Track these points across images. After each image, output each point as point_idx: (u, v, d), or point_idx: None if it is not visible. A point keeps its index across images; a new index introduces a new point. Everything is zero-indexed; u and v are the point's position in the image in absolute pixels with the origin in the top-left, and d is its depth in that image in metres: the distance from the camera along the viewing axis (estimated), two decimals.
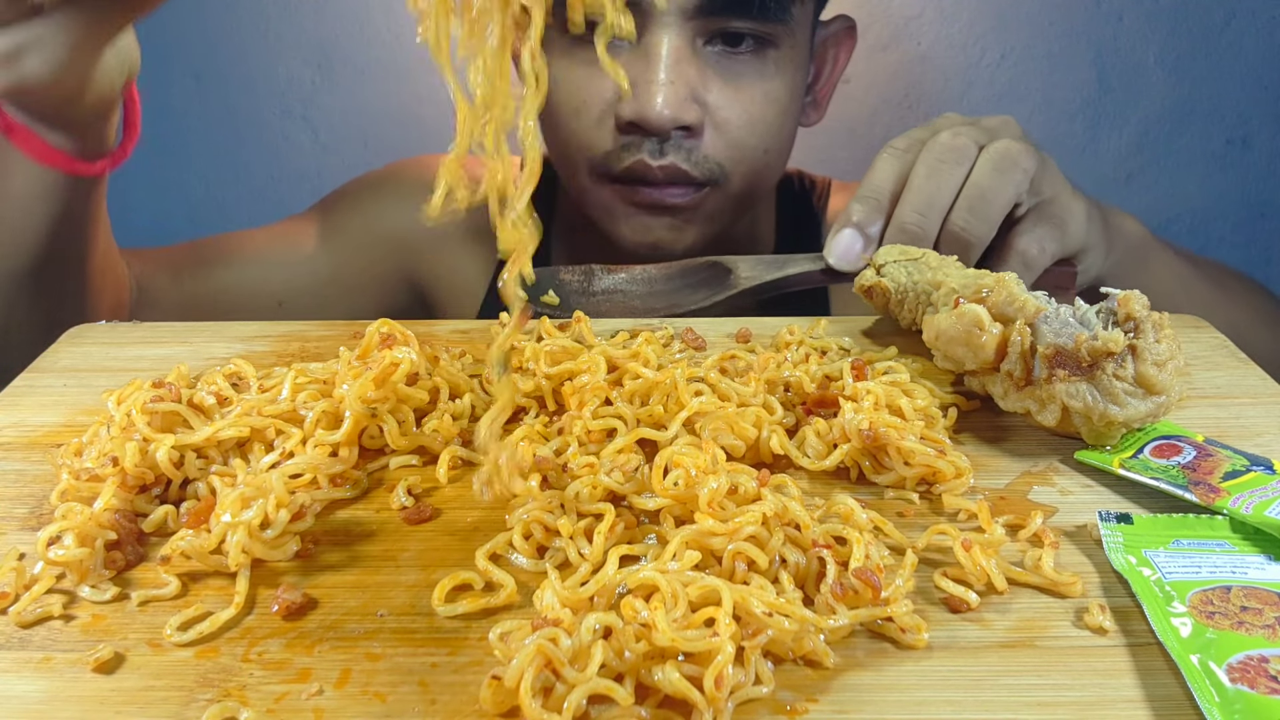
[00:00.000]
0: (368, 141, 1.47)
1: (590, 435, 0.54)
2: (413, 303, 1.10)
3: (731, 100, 0.87)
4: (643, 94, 0.84)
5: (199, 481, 0.52)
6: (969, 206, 0.65)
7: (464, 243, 1.07)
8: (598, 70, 0.87)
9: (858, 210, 0.68)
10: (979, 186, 0.64)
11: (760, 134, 0.90)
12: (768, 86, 0.89)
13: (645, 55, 0.85)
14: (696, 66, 0.86)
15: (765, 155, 0.92)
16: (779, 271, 0.71)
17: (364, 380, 0.54)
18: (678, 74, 0.84)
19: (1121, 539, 0.47)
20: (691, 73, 0.85)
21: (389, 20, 1.41)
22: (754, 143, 0.90)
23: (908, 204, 0.66)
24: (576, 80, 0.89)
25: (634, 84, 0.85)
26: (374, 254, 1.08)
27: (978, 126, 0.70)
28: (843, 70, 1.03)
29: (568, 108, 0.90)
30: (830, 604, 0.42)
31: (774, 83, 0.89)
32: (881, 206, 0.68)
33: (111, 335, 0.70)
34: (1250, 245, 1.50)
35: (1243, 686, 0.38)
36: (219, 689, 0.40)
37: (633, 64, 0.86)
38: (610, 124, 0.88)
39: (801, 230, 1.07)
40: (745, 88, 0.88)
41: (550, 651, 0.38)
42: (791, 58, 0.90)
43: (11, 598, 0.45)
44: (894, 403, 0.55)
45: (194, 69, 1.43)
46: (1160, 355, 0.52)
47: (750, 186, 0.93)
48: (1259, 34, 1.37)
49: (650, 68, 0.84)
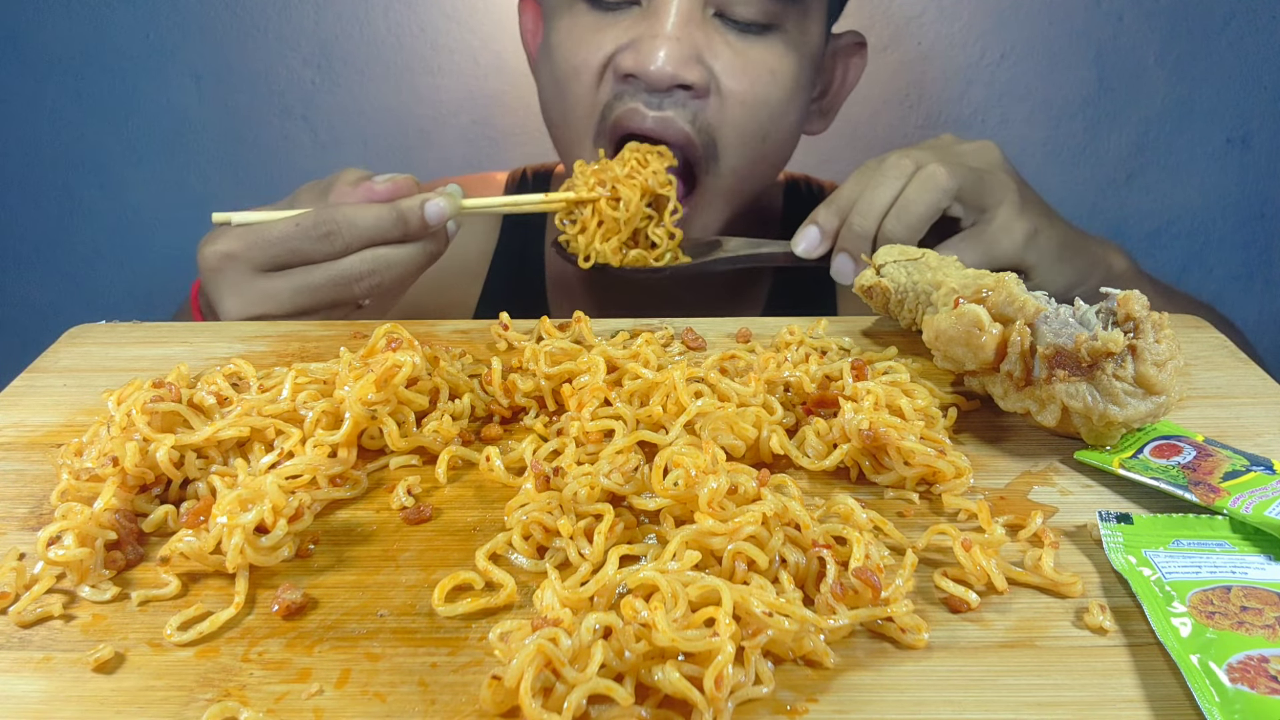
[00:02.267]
0: (367, 141, 1.47)
1: (589, 436, 0.54)
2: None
3: (739, 71, 0.87)
4: (645, 47, 0.84)
5: (199, 481, 0.52)
6: (895, 214, 0.77)
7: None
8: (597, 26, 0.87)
9: (823, 213, 0.81)
10: (904, 198, 0.77)
11: (763, 116, 0.90)
12: (775, 65, 0.89)
13: (654, 13, 0.85)
14: (705, 31, 0.86)
15: (763, 144, 0.92)
16: (754, 249, 0.88)
17: (365, 382, 0.54)
18: (684, 33, 0.84)
19: (1121, 539, 0.47)
20: (699, 36, 0.86)
21: (389, 20, 1.41)
22: (754, 125, 0.90)
23: (855, 209, 0.79)
24: (576, 37, 0.88)
25: (639, 39, 0.85)
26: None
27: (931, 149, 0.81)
28: (853, 86, 1.03)
29: (567, 67, 0.89)
30: (830, 604, 0.42)
31: (783, 62, 0.89)
32: (842, 211, 0.80)
33: (111, 335, 0.70)
34: (1250, 245, 1.50)
35: (1243, 686, 0.38)
36: (219, 689, 0.40)
37: (640, 22, 0.86)
38: (610, 81, 0.88)
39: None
40: (754, 62, 0.88)
41: (550, 651, 0.38)
42: (801, 43, 0.90)
43: (12, 598, 0.45)
44: (894, 403, 0.55)
45: (194, 69, 1.43)
46: (1160, 355, 0.52)
47: (742, 180, 0.93)
48: (1259, 34, 1.36)
49: (657, 23, 0.85)
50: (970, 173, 0.78)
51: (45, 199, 1.53)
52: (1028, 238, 0.78)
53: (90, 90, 1.44)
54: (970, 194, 0.78)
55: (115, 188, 1.50)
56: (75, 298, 1.58)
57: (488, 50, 1.41)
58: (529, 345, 0.62)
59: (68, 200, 1.52)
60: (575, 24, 0.89)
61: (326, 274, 0.73)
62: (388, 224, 0.73)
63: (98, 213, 1.52)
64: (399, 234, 0.74)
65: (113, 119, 1.46)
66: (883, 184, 0.78)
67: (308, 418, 0.54)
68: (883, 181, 0.78)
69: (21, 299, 1.59)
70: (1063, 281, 0.82)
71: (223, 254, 0.73)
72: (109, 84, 1.44)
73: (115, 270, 1.56)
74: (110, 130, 1.46)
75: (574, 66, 0.89)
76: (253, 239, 0.72)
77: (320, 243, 0.72)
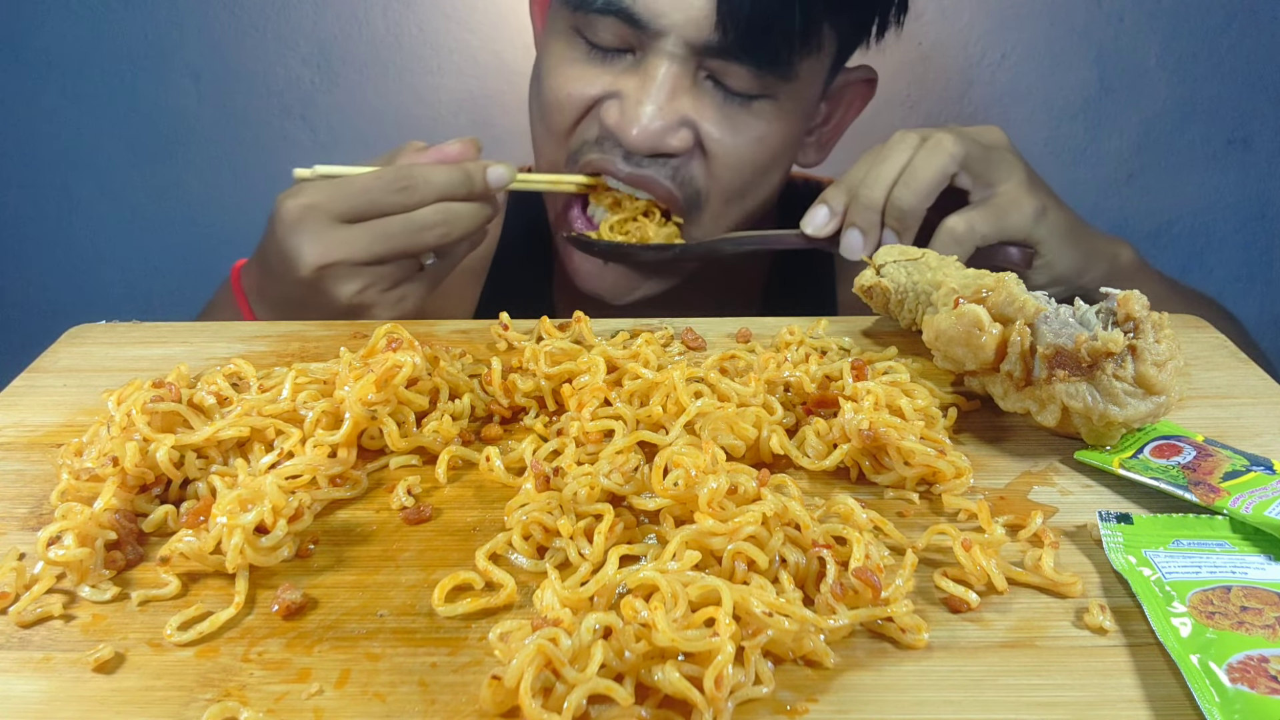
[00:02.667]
0: (367, 141, 1.47)
1: (589, 436, 0.54)
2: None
3: (727, 135, 0.87)
4: (630, 109, 0.84)
5: (199, 481, 0.52)
6: (904, 181, 0.79)
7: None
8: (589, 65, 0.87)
9: (831, 193, 0.83)
10: (912, 165, 0.78)
11: (748, 175, 0.90)
12: (765, 131, 0.88)
13: (643, 74, 0.84)
14: (694, 95, 0.85)
15: (746, 199, 0.92)
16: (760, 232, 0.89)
17: (365, 382, 0.54)
18: (670, 101, 0.84)
19: (1121, 539, 0.47)
20: (686, 102, 0.85)
21: (389, 20, 1.41)
22: (740, 183, 0.90)
23: (863, 182, 0.80)
24: (566, 72, 0.88)
25: (625, 96, 0.85)
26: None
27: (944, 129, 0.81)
28: (854, 118, 1.02)
29: (553, 97, 0.89)
30: (830, 604, 0.42)
31: (772, 127, 0.88)
32: (851, 190, 0.81)
33: (111, 335, 0.70)
34: (1250, 245, 1.50)
35: (1243, 686, 0.38)
36: (219, 689, 0.40)
37: (629, 76, 0.85)
38: (594, 123, 0.88)
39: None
40: (743, 126, 0.87)
41: (550, 651, 0.38)
42: (794, 108, 0.89)
43: (12, 598, 0.45)
44: (894, 403, 0.55)
45: (194, 69, 1.43)
46: (1160, 355, 0.52)
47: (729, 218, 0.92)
48: (1259, 34, 1.36)
49: (643, 88, 0.84)
50: (976, 144, 0.79)
51: (45, 199, 1.53)
52: (1037, 213, 0.79)
53: (90, 90, 1.44)
54: (978, 165, 0.79)
55: (115, 188, 1.50)
56: (75, 298, 1.58)
57: (487, 50, 1.41)
58: (529, 345, 0.62)
59: (68, 200, 1.52)
60: (569, 57, 0.88)
61: (402, 223, 0.77)
62: (457, 181, 0.78)
63: (98, 213, 1.52)
64: (465, 192, 0.79)
65: (112, 119, 1.46)
66: (890, 157, 0.79)
67: (308, 418, 0.54)
68: (889, 155, 0.79)
69: (21, 299, 1.59)
70: (1070, 263, 0.82)
71: (305, 205, 0.77)
72: (108, 84, 1.44)
73: (115, 270, 1.56)
74: (110, 130, 1.46)
75: (559, 99, 0.89)
76: (333, 191, 0.77)
77: (398, 194, 0.77)
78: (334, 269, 0.76)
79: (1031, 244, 0.81)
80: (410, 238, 0.77)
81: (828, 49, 0.88)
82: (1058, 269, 0.82)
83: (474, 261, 1.08)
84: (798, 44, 0.83)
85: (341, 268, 0.76)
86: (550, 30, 0.92)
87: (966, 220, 0.78)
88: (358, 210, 0.76)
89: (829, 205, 0.82)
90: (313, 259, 0.76)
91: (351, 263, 0.76)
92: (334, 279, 0.76)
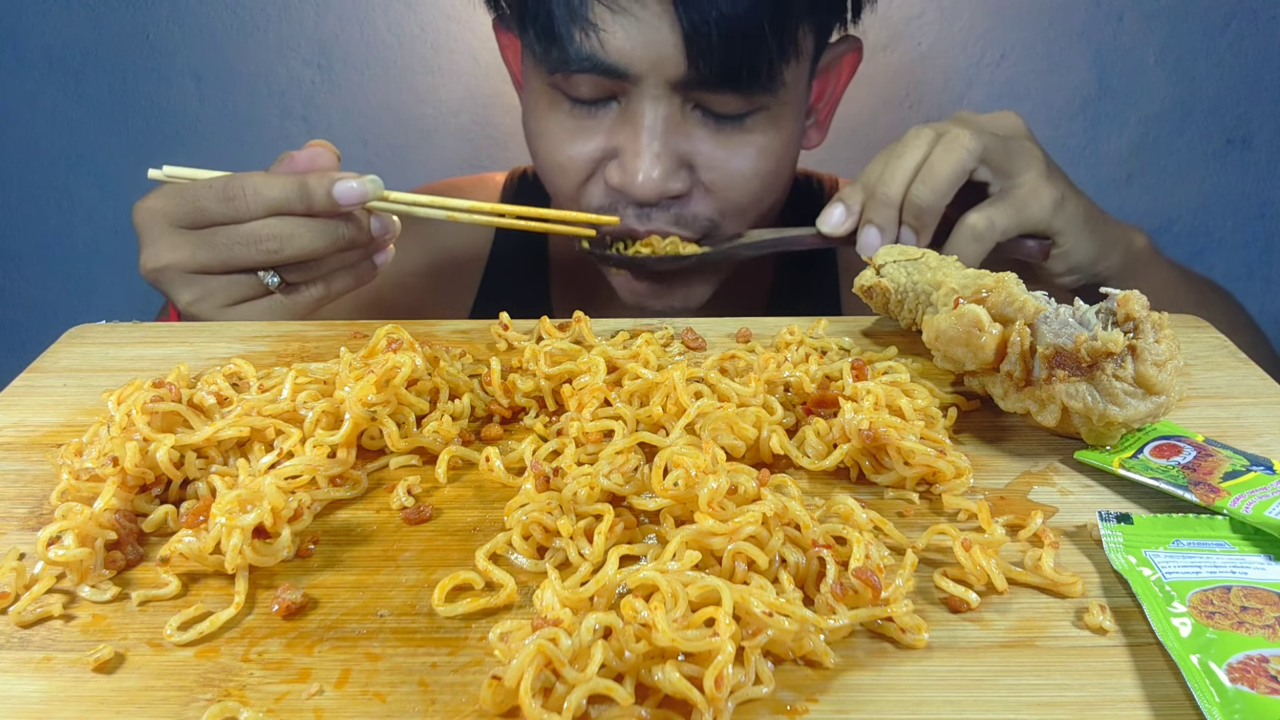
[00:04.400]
0: (367, 141, 1.47)
1: (589, 436, 0.54)
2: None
3: (725, 160, 0.87)
4: (629, 164, 0.84)
5: (199, 481, 0.52)
6: (921, 178, 0.78)
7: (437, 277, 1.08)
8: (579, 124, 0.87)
9: (848, 190, 0.82)
10: (930, 162, 0.78)
11: (755, 186, 0.89)
12: (762, 143, 0.88)
13: (632, 123, 0.84)
14: (684, 132, 0.85)
15: (760, 204, 0.92)
16: (778, 233, 0.88)
17: (365, 383, 0.54)
18: (664, 145, 0.84)
19: (1121, 539, 0.47)
20: (679, 140, 0.85)
21: (389, 20, 1.41)
22: (749, 196, 0.90)
23: (880, 179, 0.79)
24: (560, 137, 0.88)
25: (621, 151, 0.85)
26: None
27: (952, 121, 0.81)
28: (845, 87, 1.01)
29: (552, 162, 0.89)
30: (830, 604, 0.42)
31: (768, 135, 0.88)
32: (867, 187, 0.80)
33: (111, 335, 0.70)
34: (1250, 245, 1.50)
35: (1243, 686, 0.38)
36: (219, 689, 0.40)
37: (620, 130, 0.85)
38: (600, 185, 0.88)
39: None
40: (739, 146, 0.87)
41: (550, 651, 0.38)
42: (788, 110, 0.89)
43: (11, 598, 0.45)
44: (894, 403, 0.55)
45: (194, 69, 1.43)
46: (1160, 355, 0.52)
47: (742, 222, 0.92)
48: (1259, 34, 1.37)
49: (636, 138, 0.84)
50: (994, 137, 0.78)
51: (45, 199, 1.53)
52: (1056, 203, 0.79)
53: (90, 90, 1.44)
54: (996, 157, 0.78)
55: (115, 188, 1.50)
56: (75, 298, 1.58)
57: (487, 50, 1.41)
58: (529, 345, 0.62)
59: (67, 200, 1.53)
60: (555, 118, 0.88)
61: (227, 235, 0.74)
62: (292, 195, 0.74)
63: (98, 213, 1.52)
64: (303, 207, 0.74)
65: (113, 119, 1.46)
66: (906, 153, 0.78)
67: (308, 418, 0.54)
68: (905, 151, 0.78)
69: (21, 299, 1.59)
70: (1087, 252, 0.82)
71: (146, 207, 0.76)
72: (109, 84, 1.44)
73: (115, 270, 1.56)
74: (110, 130, 1.46)
75: (559, 164, 0.89)
76: (174, 196, 0.75)
77: (223, 205, 0.74)
78: (165, 273, 0.75)
79: (1050, 234, 0.80)
80: (233, 250, 0.74)
81: (807, 49, 0.88)
82: (1075, 258, 0.82)
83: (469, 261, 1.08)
84: (776, 58, 0.83)
85: (173, 273, 0.75)
86: (530, 89, 0.91)
87: (986, 217, 0.77)
88: (189, 217, 0.74)
89: (845, 204, 0.81)
90: (147, 262, 0.75)
91: (181, 269, 0.75)
92: (168, 284, 0.75)
